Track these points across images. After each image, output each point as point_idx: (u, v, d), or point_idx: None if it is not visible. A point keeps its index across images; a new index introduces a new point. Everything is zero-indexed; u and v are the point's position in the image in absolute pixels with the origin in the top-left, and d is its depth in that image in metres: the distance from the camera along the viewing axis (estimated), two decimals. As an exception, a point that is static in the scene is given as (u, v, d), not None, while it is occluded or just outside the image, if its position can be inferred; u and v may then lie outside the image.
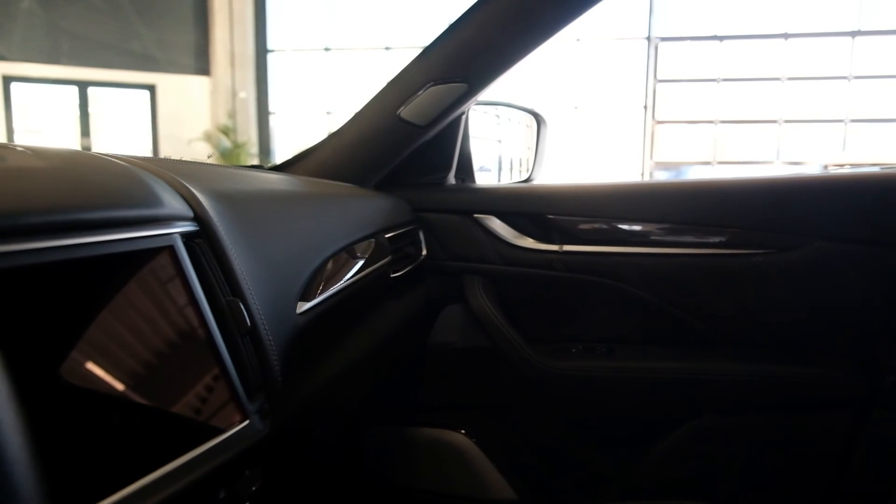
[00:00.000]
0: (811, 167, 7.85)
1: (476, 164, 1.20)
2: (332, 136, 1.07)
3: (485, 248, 1.07)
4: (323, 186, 0.94)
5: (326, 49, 9.66)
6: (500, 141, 1.42)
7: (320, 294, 0.69)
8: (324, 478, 1.11)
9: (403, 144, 1.04)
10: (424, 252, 1.08)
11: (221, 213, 0.57)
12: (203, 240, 0.52)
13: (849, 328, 0.93)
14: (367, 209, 0.92)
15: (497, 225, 1.08)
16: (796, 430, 0.95)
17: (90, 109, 8.88)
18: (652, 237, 1.02)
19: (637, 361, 1.01)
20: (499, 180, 1.36)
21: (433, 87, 0.98)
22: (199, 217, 0.53)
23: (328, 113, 9.76)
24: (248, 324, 0.52)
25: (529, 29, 0.94)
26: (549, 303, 1.09)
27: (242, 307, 0.52)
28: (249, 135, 9.71)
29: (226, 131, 9.19)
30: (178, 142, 8.96)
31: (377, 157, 1.05)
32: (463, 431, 1.11)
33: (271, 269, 0.61)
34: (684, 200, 1.01)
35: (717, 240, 0.98)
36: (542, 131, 1.34)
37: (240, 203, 0.62)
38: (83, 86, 8.78)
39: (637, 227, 1.03)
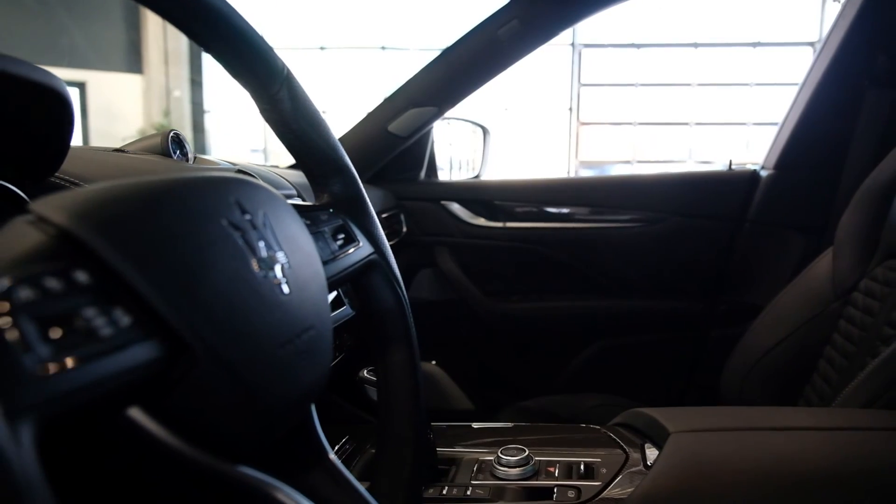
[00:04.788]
0: (717, 165, 8.56)
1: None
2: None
3: (449, 226, 1.47)
4: (338, 181, 1.31)
5: (264, 49, 9.77)
6: (451, 144, 1.81)
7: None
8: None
9: (390, 150, 1.41)
10: (405, 229, 1.46)
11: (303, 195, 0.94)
12: None
13: (694, 274, 1.39)
14: (368, 196, 1.30)
15: (458, 209, 1.48)
16: (663, 345, 1.41)
17: (17, 106, 8.67)
18: (568, 216, 1.45)
19: (558, 303, 1.44)
20: (450, 174, 1.75)
21: (413, 110, 1.37)
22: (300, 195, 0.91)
23: (267, 112, 9.85)
24: None
25: (483, 68, 1.34)
26: (497, 265, 1.49)
27: None
28: (185, 133, 9.73)
29: (161, 129, 9.19)
30: (112, 139, 8.78)
31: (370, 159, 1.42)
32: (434, 362, 1.50)
33: None
34: (589, 191, 1.44)
35: (611, 217, 1.42)
36: (487, 139, 1.75)
37: (306, 190, 1.00)
38: (9, 82, 8.58)
39: (558, 210, 1.46)
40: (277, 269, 0.34)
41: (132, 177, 0.32)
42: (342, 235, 0.48)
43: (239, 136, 9.56)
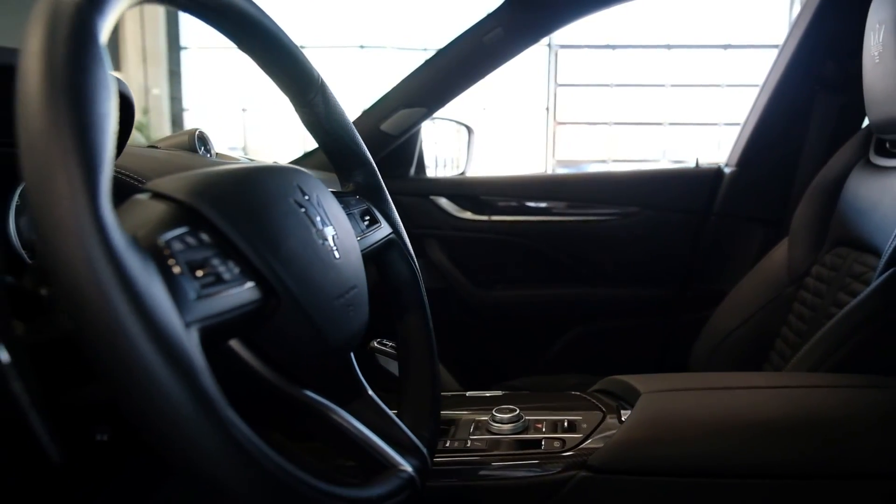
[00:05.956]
0: (688, 164, 8.72)
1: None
2: (316, 151, 1.52)
3: (438, 219, 1.56)
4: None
5: (240, 47, 9.71)
6: (436, 143, 1.91)
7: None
8: None
9: (382, 148, 1.50)
10: None
11: None
12: None
13: (665, 263, 1.51)
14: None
15: (445, 203, 1.58)
16: (637, 329, 1.52)
17: (-9, 104, 8.54)
18: (548, 210, 1.56)
19: (540, 291, 1.54)
20: (435, 172, 1.85)
21: (403, 110, 1.46)
22: None
23: (243, 110, 9.83)
24: None
25: (469, 71, 1.43)
26: (483, 256, 1.59)
27: None
28: (164, 131, 9.67)
29: (140, 127, 9.11)
30: (89, 138, 8.76)
31: None
32: (424, 347, 1.59)
33: None
34: (568, 187, 1.55)
35: (588, 211, 1.53)
36: (472, 139, 1.85)
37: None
38: (-18, 79, 8.45)
39: (539, 204, 1.57)
40: (330, 238, 0.44)
41: (212, 167, 0.41)
42: (368, 217, 0.58)
43: (218, 135, 9.45)
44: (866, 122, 1.09)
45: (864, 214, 1.02)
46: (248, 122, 9.49)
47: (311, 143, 1.79)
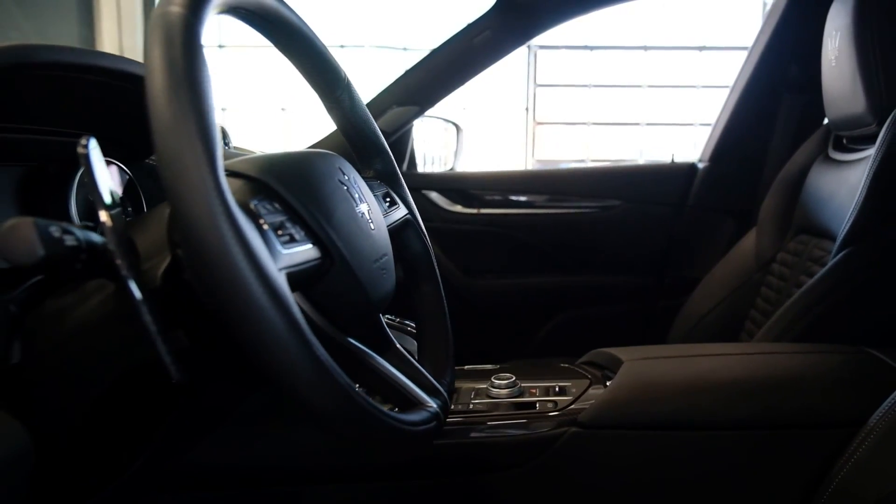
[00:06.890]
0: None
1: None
2: (326, 139, 1.60)
3: (429, 212, 1.64)
4: (333, 171, 1.48)
5: (220, 46, 9.71)
6: (424, 140, 1.99)
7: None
8: None
9: None
10: None
11: None
12: None
13: (643, 253, 1.61)
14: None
15: (437, 197, 1.66)
16: (618, 315, 1.62)
17: (-34, 102, 8.44)
18: (534, 203, 1.65)
19: (527, 279, 1.63)
20: (424, 167, 1.93)
21: (396, 108, 1.53)
22: None
23: (223, 109, 9.79)
24: None
25: (460, 72, 1.52)
26: (472, 246, 1.67)
27: None
28: (142, 131, 9.58)
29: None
30: (66, 137, 8.69)
31: None
32: (417, 334, 1.67)
33: None
34: (553, 181, 1.64)
35: (570, 204, 1.62)
36: (460, 136, 1.93)
37: None
38: (-44, 77, 8.33)
39: (524, 198, 1.66)
40: (366, 212, 0.52)
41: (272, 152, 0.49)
42: (388, 199, 0.66)
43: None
44: (826, 120, 1.20)
45: (824, 204, 1.12)
46: (229, 122, 9.48)
47: (296, 143, 1.87)
